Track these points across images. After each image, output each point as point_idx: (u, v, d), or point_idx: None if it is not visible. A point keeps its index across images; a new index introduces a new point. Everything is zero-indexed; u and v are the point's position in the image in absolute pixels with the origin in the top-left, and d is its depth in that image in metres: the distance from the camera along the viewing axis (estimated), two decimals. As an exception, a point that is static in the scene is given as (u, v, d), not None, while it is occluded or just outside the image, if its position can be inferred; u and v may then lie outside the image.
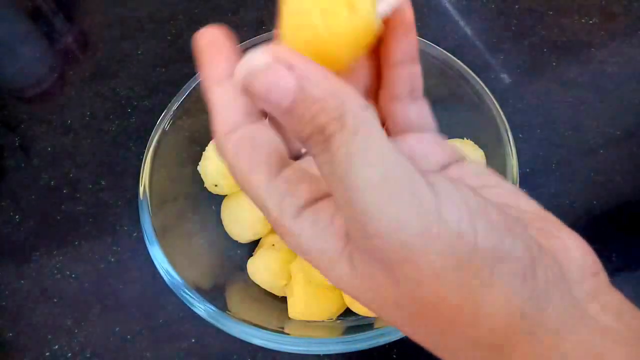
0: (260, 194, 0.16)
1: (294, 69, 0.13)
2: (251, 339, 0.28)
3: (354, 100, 0.13)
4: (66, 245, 0.41)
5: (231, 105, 0.17)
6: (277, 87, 0.13)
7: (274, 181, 0.16)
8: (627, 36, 0.49)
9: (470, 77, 0.34)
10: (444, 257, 0.13)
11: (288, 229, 0.16)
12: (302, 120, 0.13)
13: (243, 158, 0.16)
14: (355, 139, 0.13)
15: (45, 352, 0.37)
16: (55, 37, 0.54)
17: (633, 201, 0.40)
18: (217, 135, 0.17)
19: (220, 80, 0.17)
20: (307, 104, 0.13)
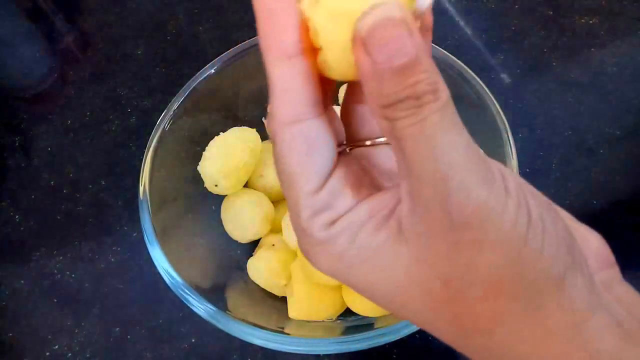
0: (300, 201, 0.16)
1: (415, 38, 0.14)
2: (251, 339, 0.28)
3: (445, 84, 0.14)
4: (66, 245, 0.41)
5: (297, 90, 0.15)
6: (399, 43, 0.13)
7: (318, 194, 0.16)
8: (627, 36, 0.49)
9: (470, 77, 0.34)
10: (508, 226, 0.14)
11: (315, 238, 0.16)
12: (403, 83, 0.14)
13: (295, 157, 0.16)
14: (447, 111, 0.14)
15: (45, 352, 0.37)
16: (55, 37, 0.54)
17: (633, 201, 0.40)
18: (274, 121, 0.16)
19: (288, 55, 0.15)
20: (416, 70, 0.13)
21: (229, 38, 0.51)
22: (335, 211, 0.16)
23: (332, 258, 0.16)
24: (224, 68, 0.36)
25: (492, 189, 0.14)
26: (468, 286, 0.14)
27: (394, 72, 0.13)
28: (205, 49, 0.51)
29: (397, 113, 0.14)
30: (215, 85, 0.36)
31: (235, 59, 0.36)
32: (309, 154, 0.16)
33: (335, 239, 0.16)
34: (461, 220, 0.14)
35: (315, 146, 0.16)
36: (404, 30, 0.13)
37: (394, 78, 0.14)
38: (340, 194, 0.16)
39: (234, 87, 0.38)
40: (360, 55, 0.14)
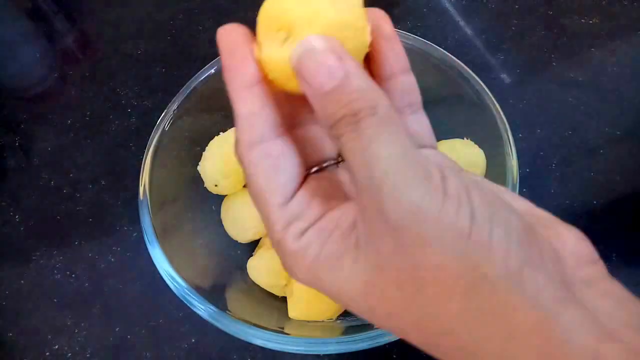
0: (270, 216, 0.17)
1: (343, 61, 0.15)
2: (251, 339, 0.28)
3: (386, 99, 0.15)
4: (66, 245, 0.41)
5: (258, 114, 0.17)
6: (326, 70, 0.15)
7: (286, 206, 0.17)
8: (627, 36, 0.49)
9: (470, 77, 0.34)
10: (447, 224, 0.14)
11: (289, 249, 0.17)
12: (338, 103, 0.15)
13: (262, 175, 0.17)
14: (383, 123, 0.15)
15: (45, 352, 0.37)
16: (55, 37, 0.54)
17: (633, 201, 0.40)
18: (240, 145, 0.17)
19: (248, 85, 0.17)
20: (348, 90, 0.15)
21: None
22: (305, 221, 0.17)
23: (304, 268, 0.17)
24: (224, 68, 0.36)
25: (426, 191, 0.14)
26: (420, 288, 0.15)
27: (327, 96, 0.15)
28: (205, 49, 0.51)
29: (339, 130, 0.15)
30: (215, 85, 0.36)
31: (235, 59, 0.36)
32: (274, 171, 0.17)
33: (306, 249, 0.17)
34: (398, 223, 0.14)
35: (278, 163, 0.17)
36: (329, 57, 0.15)
37: (330, 100, 0.15)
38: (310, 204, 0.17)
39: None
40: (300, 84, 0.16)
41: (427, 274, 0.14)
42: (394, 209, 0.14)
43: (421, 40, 0.35)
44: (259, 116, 0.17)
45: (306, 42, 0.16)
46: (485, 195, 0.15)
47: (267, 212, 0.17)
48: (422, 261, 0.14)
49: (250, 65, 0.17)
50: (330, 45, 0.16)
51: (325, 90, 0.15)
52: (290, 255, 0.17)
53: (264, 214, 0.17)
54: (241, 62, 0.17)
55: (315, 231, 0.17)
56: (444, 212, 0.14)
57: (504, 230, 0.14)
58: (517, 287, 0.14)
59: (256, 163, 0.17)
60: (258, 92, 0.17)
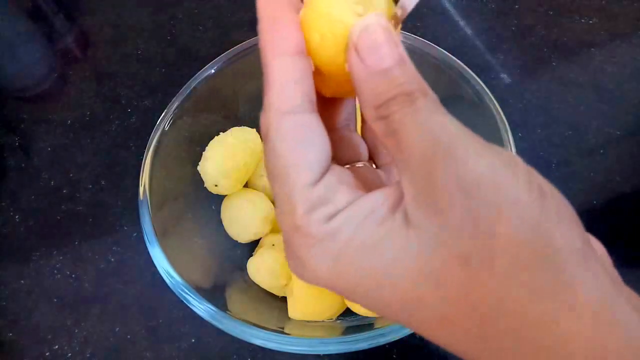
0: (294, 195, 0.15)
1: (399, 46, 0.15)
2: (251, 339, 0.28)
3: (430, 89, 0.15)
4: (66, 245, 0.41)
5: (296, 84, 0.16)
6: (386, 47, 0.15)
7: (314, 187, 0.15)
8: (627, 36, 0.49)
9: (470, 77, 0.34)
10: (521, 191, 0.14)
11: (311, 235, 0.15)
12: (393, 82, 0.15)
13: (292, 147, 0.15)
14: (437, 104, 0.15)
15: (45, 352, 0.37)
16: (55, 37, 0.54)
17: (633, 201, 0.40)
18: (272, 112, 0.16)
19: (292, 52, 0.16)
20: (405, 71, 0.15)
21: (229, 38, 0.51)
22: (333, 205, 0.15)
23: (330, 258, 0.15)
24: (223, 68, 0.36)
25: (499, 158, 0.14)
26: (490, 260, 0.13)
27: (384, 73, 0.15)
28: (205, 49, 0.51)
29: (391, 108, 0.15)
30: (215, 85, 0.36)
31: (235, 59, 0.36)
32: (306, 145, 0.15)
33: (336, 234, 0.15)
34: (475, 185, 0.13)
35: (311, 137, 0.16)
36: (390, 37, 0.15)
37: (385, 78, 0.15)
38: (338, 189, 0.16)
39: (234, 87, 0.38)
40: (354, 60, 0.15)
41: (498, 243, 0.13)
42: (470, 171, 0.13)
43: (421, 40, 0.35)
44: (297, 85, 0.16)
45: (371, 17, 0.15)
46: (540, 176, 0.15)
47: (290, 192, 0.15)
48: (497, 230, 0.13)
49: (297, 33, 0.16)
50: (389, 25, 0.16)
51: (382, 67, 0.15)
52: (313, 244, 0.15)
53: (284, 195, 0.15)
54: (287, 27, 0.16)
55: (345, 216, 0.15)
56: (518, 182, 0.13)
57: (568, 211, 0.14)
58: (583, 265, 0.13)
59: (286, 132, 0.15)
60: (301, 62, 0.16)
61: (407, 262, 0.14)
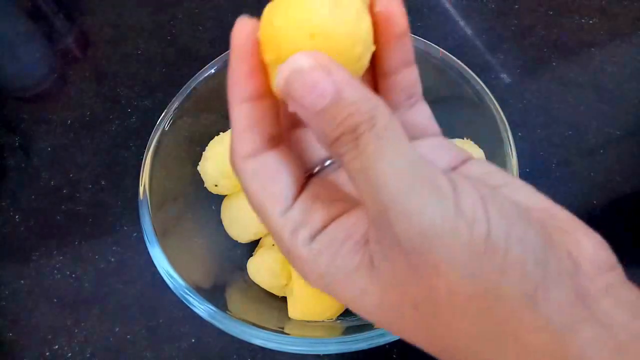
0: (274, 225, 0.17)
1: (332, 75, 0.14)
2: (251, 339, 0.28)
3: (384, 106, 0.15)
4: (66, 245, 0.41)
5: (254, 127, 0.17)
6: (316, 88, 0.14)
7: (288, 212, 0.17)
8: (627, 36, 0.49)
9: (470, 77, 0.34)
10: (460, 245, 0.14)
11: (300, 256, 0.16)
12: (334, 121, 0.14)
13: (259, 186, 0.17)
14: (385, 134, 0.14)
15: (45, 352, 0.37)
16: (55, 37, 0.54)
17: (633, 201, 0.40)
18: (235, 157, 0.17)
19: (247, 99, 0.17)
20: (342, 106, 0.14)
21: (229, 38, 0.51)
22: (312, 226, 0.16)
23: (317, 275, 0.16)
24: (224, 68, 0.36)
25: (437, 210, 0.14)
26: (435, 309, 0.14)
27: (322, 115, 0.14)
28: (205, 49, 0.51)
29: (340, 149, 0.15)
30: (215, 85, 0.36)
31: (235, 59, 0.36)
32: (270, 180, 0.17)
33: (318, 258, 0.16)
34: (410, 246, 0.14)
35: (273, 174, 0.17)
36: (316, 74, 0.14)
37: (325, 119, 0.14)
38: (312, 209, 0.17)
39: (234, 87, 0.38)
40: (291, 105, 0.15)
41: (440, 296, 0.14)
42: (404, 233, 0.14)
43: (421, 40, 0.35)
44: (253, 131, 0.17)
45: (290, 63, 0.15)
46: (502, 206, 0.14)
47: (271, 222, 0.17)
48: (436, 284, 0.14)
49: (255, 80, 0.17)
50: (316, 61, 0.14)
51: (317, 109, 0.14)
52: (301, 262, 0.17)
53: (269, 226, 0.17)
54: (246, 74, 0.17)
55: (325, 240, 0.16)
56: (457, 232, 0.13)
57: (521, 248, 0.14)
58: (531, 308, 0.13)
59: (251, 175, 0.17)
60: (257, 105, 0.17)
61: (373, 295, 0.16)
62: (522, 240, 0.14)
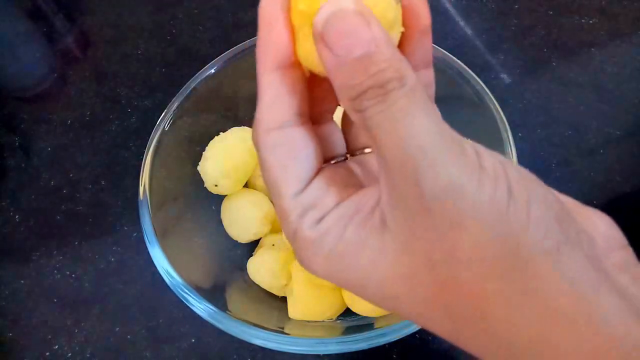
0: (285, 205, 0.16)
1: (372, 26, 0.14)
2: (251, 339, 0.28)
3: (412, 71, 0.14)
4: (66, 245, 0.41)
5: (283, 99, 0.16)
6: (354, 34, 0.14)
7: (301, 195, 0.16)
8: (627, 36, 0.49)
9: (470, 77, 0.34)
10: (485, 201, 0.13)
11: (305, 238, 0.16)
12: (365, 72, 0.14)
13: (277, 162, 0.16)
14: (415, 94, 0.14)
15: (45, 352, 0.37)
16: (55, 37, 0.54)
17: (633, 201, 0.40)
18: (259, 127, 0.16)
19: (278, 66, 0.16)
20: (376, 59, 0.14)
21: (229, 38, 0.51)
22: (321, 209, 0.16)
23: (323, 258, 0.16)
24: (224, 68, 0.36)
25: (464, 167, 0.13)
26: (454, 269, 0.14)
27: (354, 63, 0.14)
28: (205, 49, 0.51)
29: (365, 103, 0.14)
30: (215, 85, 0.36)
31: (235, 59, 0.36)
32: (290, 158, 0.16)
33: (324, 237, 0.16)
34: (435, 200, 0.13)
35: (295, 151, 0.16)
36: (359, 21, 0.14)
37: (356, 69, 0.14)
38: (326, 192, 0.16)
39: (234, 87, 0.38)
40: (322, 50, 0.14)
41: (463, 254, 0.14)
42: (432, 185, 0.13)
43: (421, 40, 0.35)
44: (283, 101, 0.16)
45: (334, 2, 0.14)
46: (520, 172, 0.14)
47: (282, 202, 0.16)
48: (458, 240, 0.13)
49: (284, 47, 0.16)
50: (360, 8, 0.14)
51: (351, 57, 0.14)
52: (306, 244, 0.16)
53: (279, 205, 0.17)
54: (276, 41, 0.16)
55: (333, 218, 0.16)
56: (482, 189, 0.13)
57: (542, 207, 0.14)
58: (555, 268, 0.13)
59: (272, 148, 0.16)
60: (286, 76, 0.16)
61: (384, 264, 0.15)
62: (542, 200, 0.14)
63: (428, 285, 0.14)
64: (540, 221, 0.13)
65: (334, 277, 0.16)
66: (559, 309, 0.13)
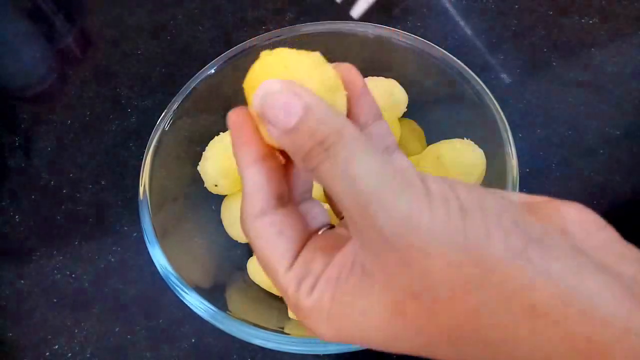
0: (281, 282, 0.18)
1: (301, 96, 0.16)
2: (251, 339, 0.28)
3: (351, 124, 0.16)
4: (66, 245, 0.41)
5: (263, 187, 0.18)
6: (286, 108, 0.16)
7: (292, 268, 0.18)
8: (627, 36, 0.49)
9: (470, 77, 0.34)
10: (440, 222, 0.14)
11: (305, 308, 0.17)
12: (304, 135, 0.16)
13: (266, 245, 0.18)
14: (354, 144, 0.15)
15: (45, 352, 0.37)
16: (55, 37, 0.54)
17: (633, 201, 0.40)
18: (245, 217, 0.19)
19: (253, 161, 0.18)
20: (310, 121, 0.16)
21: (229, 38, 0.51)
22: (312, 276, 0.17)
23: (326, 322, 0.17)
24: (224, 68, 0.36)
25: (412, 198, 0.14)
26: (435, 293, 0.14)
27: (294, 131, 0.16)
28: (205, 49, 0.51)
29: (313, 161, 0.16)
30: (215, 85, 0.36)
31: (235, 59, 0.36)
32: (277, 237, 0.18)
33: (320, 302, 0.17)
34: (395, 237, 0.14)
35: (280, 230, 0.18)
36: (287, 95, 0.16)
37: (296, 135, 0.16)
38: (313, 260, 0.18)
39: (234, 87, 0.37)
40: (267, 128, 0.17)
41: (436, 279, 0.14)
42: (388, 224, 0.14)
43: (421, 40, 0.35)
44: (263, 189, 0.18)
45: (263, 87, 0.16)
46: (468, 187, 0.15)
47: (278, 279, 0.18)
48: (429, 268, 0.14)
49: (255, 143, 0.18)
50: (285, 85, 0.16)
51: (289, 127, 0.16)
52: (308, 313, 0.17)
53: (275, 282, 0.18)
54: (247, 140, 0.18)
55: (324, 282, 0.17)
56: (434, 214, 0.14)
57: (497, 213, 0.14)
58: (526, 266, 0.13)
59: (260, 233, 0.18)
60: (262, 168, 0.18)
61: (374, 310, 0.16)
62: (497, 208, 0.14)
63: (419, 316, 0.15)
64: (498, 228, 0.14)
65: (341, 338, 0.17)
66: (540, 304, 0.13)
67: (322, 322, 0.17)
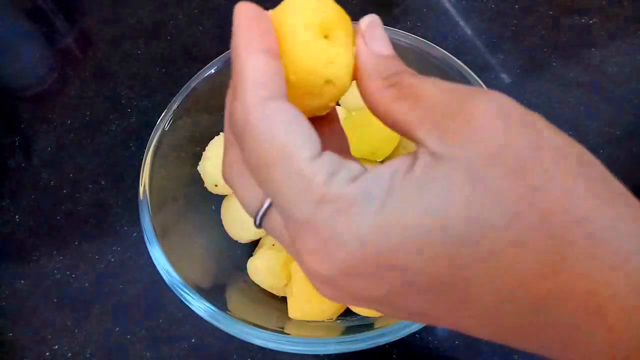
0: (303, 171, 0.14)
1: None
2: (251, 339, 0.28)
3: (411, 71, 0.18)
4: (66, 245, 0.41)
5: (275, 75, 0.15)
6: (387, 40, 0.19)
7: (320, 158, 0.14)
8: (627, 36, 0.49)
9: (470, 77, 0.34)
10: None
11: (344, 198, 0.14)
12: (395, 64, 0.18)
13: (282, 128, 0.14)
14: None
15: (45, 352, 0.37)
16: (55, 37, 0.54)
17: (633, 201, 0.40)
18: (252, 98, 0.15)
19: (264, 51, 0.16)
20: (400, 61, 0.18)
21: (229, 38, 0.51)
22: (350, 170, 0.14)
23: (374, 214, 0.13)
24: (224, 68, 0.36)
25: None
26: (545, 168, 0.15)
27: (387, 57, 0.18)
28: (205, 49, 0.51)
29: (401, 75, 0.17)
30: (215, 85, 0.36)
31: (235, 59, 0.36)
32: (298, 123, 0.15)
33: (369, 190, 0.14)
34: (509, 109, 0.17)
35: (299, 117, 0.15)
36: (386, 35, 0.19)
37: (388, 60, 0.18)
38: (344, 160, 0.15)
39: (234, 87, 0.38)
40: (361, 45, 0.18)
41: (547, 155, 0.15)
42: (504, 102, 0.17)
43: (421, 40, 0.35)
44: (277, 77, 0.15)
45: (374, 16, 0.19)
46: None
47: (299, 167, 0.14)
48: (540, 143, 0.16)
49: (274, 39, 0.16)
50: None
51: (385, 53, 0.18)
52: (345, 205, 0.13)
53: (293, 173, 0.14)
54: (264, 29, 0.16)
55: (372, 176, 0.14)
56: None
57: None
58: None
59: (273, 115, 0.14)
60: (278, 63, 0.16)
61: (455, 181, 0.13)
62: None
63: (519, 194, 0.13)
64: None
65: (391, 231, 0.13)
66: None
67: (369, 214, 0.13)
